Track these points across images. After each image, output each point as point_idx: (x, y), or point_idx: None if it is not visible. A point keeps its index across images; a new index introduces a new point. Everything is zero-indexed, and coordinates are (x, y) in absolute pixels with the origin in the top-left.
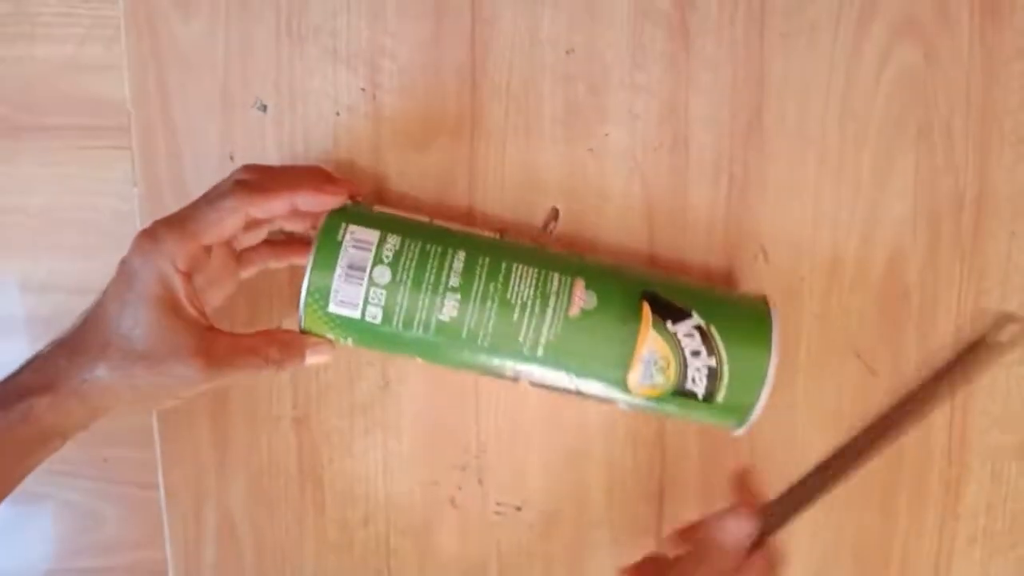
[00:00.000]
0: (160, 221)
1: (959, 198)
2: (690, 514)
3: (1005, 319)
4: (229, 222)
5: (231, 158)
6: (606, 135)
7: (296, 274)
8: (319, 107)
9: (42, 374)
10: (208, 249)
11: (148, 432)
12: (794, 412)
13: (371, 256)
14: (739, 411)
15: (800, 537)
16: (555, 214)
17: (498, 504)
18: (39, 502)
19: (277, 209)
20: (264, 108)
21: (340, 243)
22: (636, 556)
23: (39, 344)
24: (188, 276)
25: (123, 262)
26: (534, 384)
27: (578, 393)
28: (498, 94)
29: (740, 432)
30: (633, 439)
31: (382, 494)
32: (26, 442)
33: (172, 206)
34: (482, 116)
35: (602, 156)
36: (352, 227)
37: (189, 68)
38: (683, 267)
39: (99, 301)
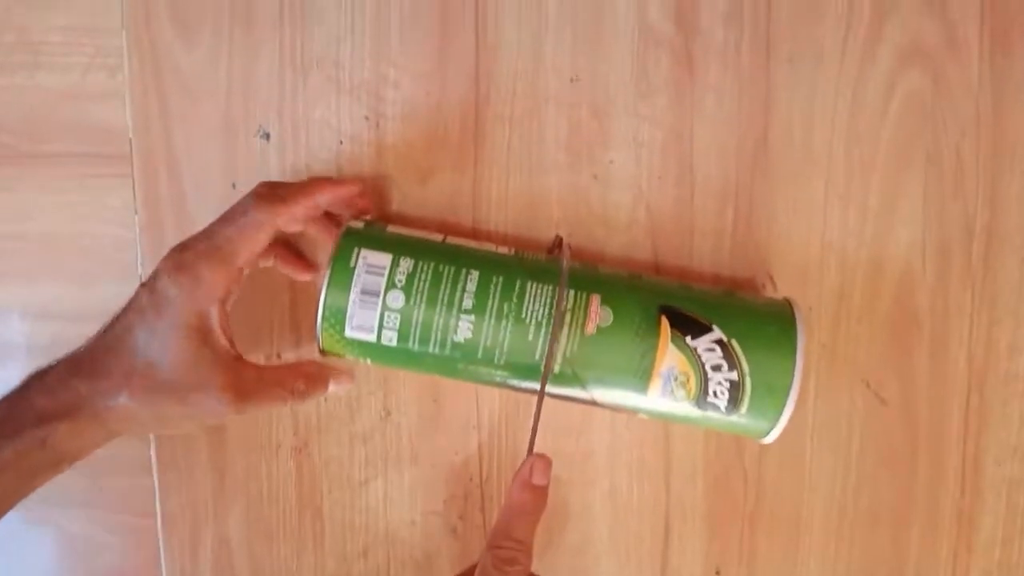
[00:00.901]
0: (190, 251)
1: (969, 225)
2: (696, 546)
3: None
4: (260, 239)
5: (233, 186)
6: (611, 162)
7: (297, 298)
8: (322, 136)
9: (58, 399)
10: (242, 271)
11: (146, 460)
12: (803, 442)
13: (384, 280)
14: (764, 422)
15: (807, 568)
16: (559, 242)
17: None
18: (35, 531)
19: (301, 214)
20: (267, 136)
21: (353, 268)
22: None
23: None
24: (223, 304)
25: (154, 291)
26: (552, 396)
27: (595, 403)
28: (502, 122)
29: (767, 441)
30: (639, 470)
31: (382, 525)
32: (39, 467)
33: (173, 234)
34: (486, 144)
35: (607, 183)
36: (364, 251)
37: (192, 96)
38: None
39: (120, 326)
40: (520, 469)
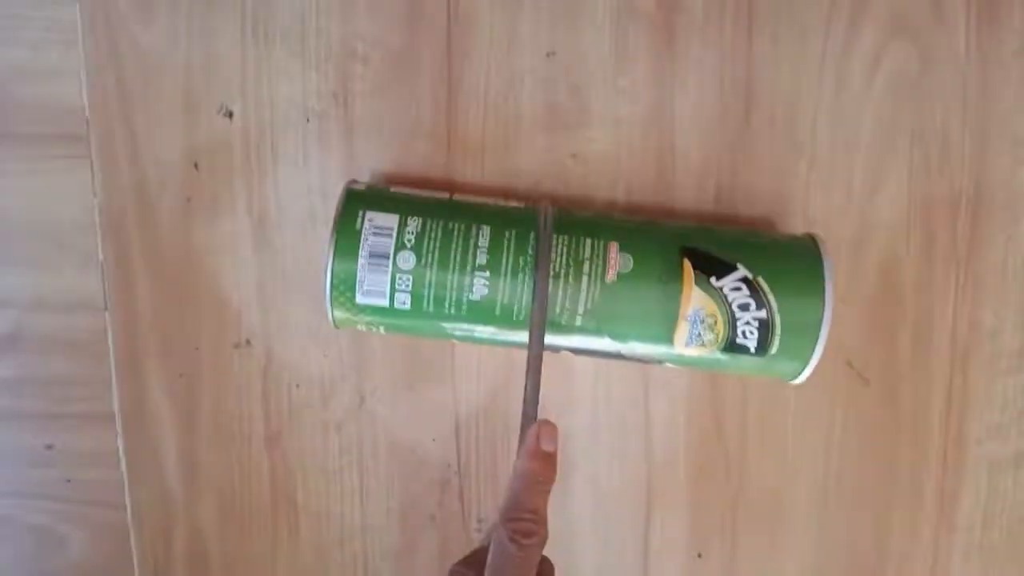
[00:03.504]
0: None
1: (955, 203)
2: (678, 529)
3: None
4: None
5: (196, 166)
6: (590, 140)
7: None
8: (288, 113)
9: None
10: None
11: (113, 452)
12: (785, 423)
13: (393, 242)
14: (795, 361)
15: (790, 550)
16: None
17: (479, 521)
18: (0, 525)
19: None
20: (230, 115)
21: (359, 232)
22: (623, 573)
23: None
24: None
25: None
26: (576, 352)
27: (621, 356)
28: (476, 98)
29: (798, 382)
30: (620, 454)
31: (358, 514)
32: None
33: (134, 216)
34: (459, 122)
35: (585, 162)
36: (370, 213)
37: (150, 73)
38: None
39: None
40: (527, 438)
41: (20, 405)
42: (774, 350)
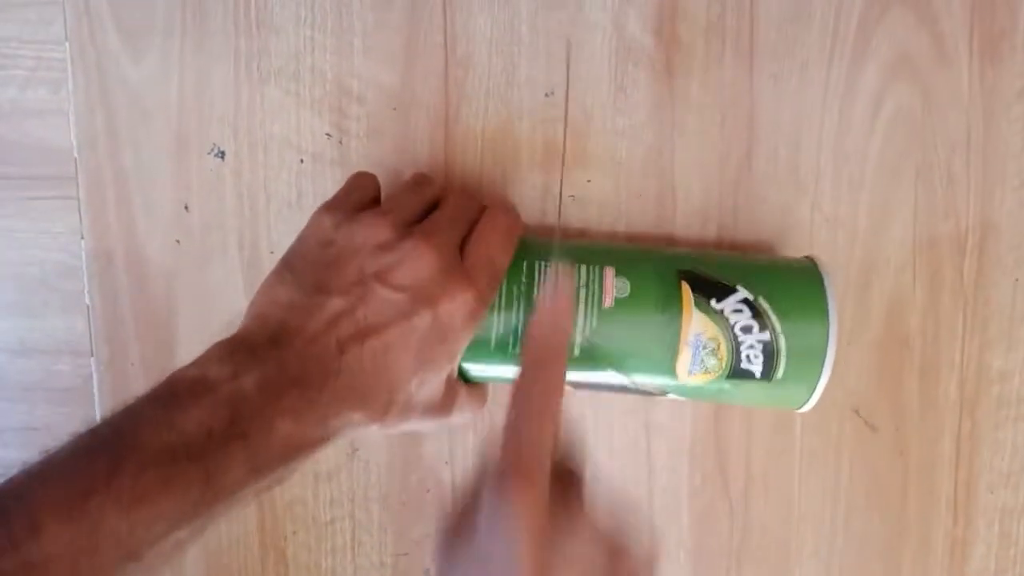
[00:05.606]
0: (456, 258)
1: (961, 245)
2: None
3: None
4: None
5: (186, 208)
6: (588, 181)
7: None
8: (281, 154)
9: (305, 426)
10: None
11: None
12: (791, 471)
13: None
14: (802, 386)
15: None
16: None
17: None
18: None
19: None
20: (222, 155)
21: None
22: None
23: None
24: None
25: (439, 315)
26: (577, 386)
27: (624, 389)
28: (473, 139)
29: (805, 409)
30: (620, 505)
31: (350, 568)
32: (262, 490)
33: (122, 260)
34: (456, 163)
35: (585, 204)
36: None
37: (141, 112)
38: None
39: (377, 341)
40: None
41: (2, 454)
42: (780, 374)
